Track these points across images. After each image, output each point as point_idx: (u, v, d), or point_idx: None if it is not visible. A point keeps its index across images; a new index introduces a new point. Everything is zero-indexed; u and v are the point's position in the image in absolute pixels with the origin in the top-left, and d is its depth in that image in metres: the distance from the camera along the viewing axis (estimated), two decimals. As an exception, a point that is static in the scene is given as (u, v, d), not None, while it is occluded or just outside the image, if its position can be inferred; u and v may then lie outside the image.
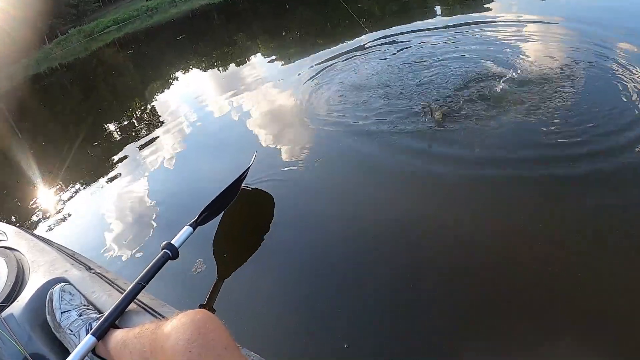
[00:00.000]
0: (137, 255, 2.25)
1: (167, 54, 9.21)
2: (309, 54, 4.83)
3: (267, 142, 3.02)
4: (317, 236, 2.12)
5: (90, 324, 1.26)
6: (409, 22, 4.97)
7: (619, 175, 1.97)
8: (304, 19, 8.10)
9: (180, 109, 4.19)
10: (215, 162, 2.95)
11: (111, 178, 3.25)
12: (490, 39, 3.87)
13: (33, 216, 3.02)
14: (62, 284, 1.39)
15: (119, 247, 2.34)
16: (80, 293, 1.38)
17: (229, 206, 2.08)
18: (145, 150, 3.50)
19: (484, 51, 3.57)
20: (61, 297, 1.33)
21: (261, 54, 5.71)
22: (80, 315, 1.29)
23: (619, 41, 3.13)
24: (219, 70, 5.22)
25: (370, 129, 2.87)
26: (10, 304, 1.42)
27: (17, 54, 23.23)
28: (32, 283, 1.47)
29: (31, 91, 6.93)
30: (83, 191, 3.24)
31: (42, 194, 3.35)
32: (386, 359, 1.47)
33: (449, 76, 3.31)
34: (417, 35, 4.61)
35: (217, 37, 9.03)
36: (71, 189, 3.30)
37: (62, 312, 1.31)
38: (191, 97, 4.50)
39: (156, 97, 4.92)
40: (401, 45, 4.37)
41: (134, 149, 3.60)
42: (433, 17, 5.17)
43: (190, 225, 1.73)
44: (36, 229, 2.79)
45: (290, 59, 4.93)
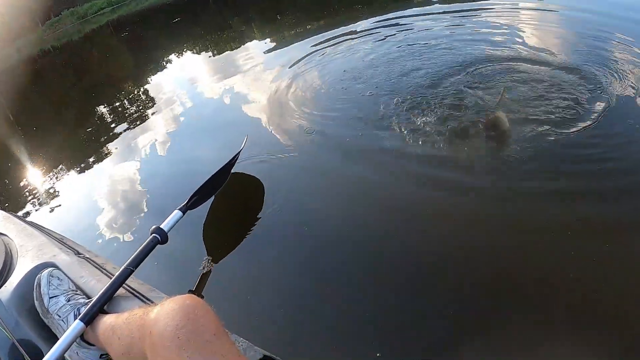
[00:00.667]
0: (127, 239, 2.23)
1: (161, 37, 9.08)
2: (304, 38, 4.78)
3: (259, 127, 2.99)
4: (307, 222, 2.09)
5: (78, 310, 1.24)
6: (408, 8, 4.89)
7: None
8: (300, 3, 8.01)
9: (174, 92, 4.14)
10: (207, 146, 2.92)
11: (102, 162, 3.22)
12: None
13: (22, 200, 2.99)
14: (50, 268, 1.37)
15: (108, 231, 2.32)
16: (69, 278, 1.37)
17: (220, 190, 2.06)
18: (137, 133, 3.46)
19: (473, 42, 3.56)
20: (49, 282, 1.32)
21: (256, 38, 5.64)
22: (69, 301, 1.28)
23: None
24: (213, 54, 5.16)
25: (364, 115, 2.86)
26: None
27: (10, 37, 22.94)
28: (20, 268, 1.45)
29: (23, 74, 6.85)
30: (73, 175, 3.21)
31: (32, 177, 3.32)
32: (375, 347, 1.47)
33: (432, 65, 3.33)
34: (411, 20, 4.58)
35: (213, 20, 8.92)
36: (61, 172, 3.27)
37: (50, 298, 1.29)
38: (185, 80, 4.45)
39: (150, 80, 4.86)
40: (396, 30, 4.35)
41: (126, 132, 3.56)
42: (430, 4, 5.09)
43: (180, 209, 1.71)
44: (25, 213, 2.76)
45: (285, 44, 4.88)
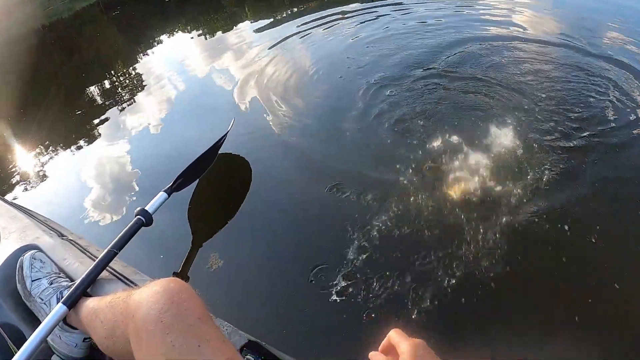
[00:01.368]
0: (112, 221, 2.19)
1: (153, 17, 8.91)
2: (295, 18, 4.71)
3: (247, 108, 2.95)
4: (294, 204, 2.09)
5: (61, 293, 1.22)
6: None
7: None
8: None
9: (164, 73, 4.06)
10: (195, 128, 2.88)
11: (89, 142, 3.16)
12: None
13: (6, 181, 2.93)
14: (33, 251, 1.34)
15: (93, 213, 2.28)
16: (52, 260, 1.34)
17: (206, 172, 2.03)
18: (125, 114, 3.40)
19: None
20: (32, 264, 1.29)
21: (248, 19, 5.53)
22: (51, 284, 1.25)
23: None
24: (205, 35, 5.05)
25: (354, 97, 2.85)
26: None
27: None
28: (3, 251, 1.42)
29: (10, 54, 6.70)
30: (60, 156, 3.15)
31: (17, 158, 3.25)
32: (361, 332, 1.47)
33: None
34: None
35: (206, 1, 8.76)
36: (48, 153, 3.20)
37: (32, 280, 1.27)
38: (175, 61, 4.37)
39: (140, 60, 4.76)
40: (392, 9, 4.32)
41: (114, 113, 3.50)
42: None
43: (165, 191, 1.68)
44: (9, 195, 2.71)
45: (275, 24, 4.80)
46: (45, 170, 2.95)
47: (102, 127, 3.31)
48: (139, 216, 1.47)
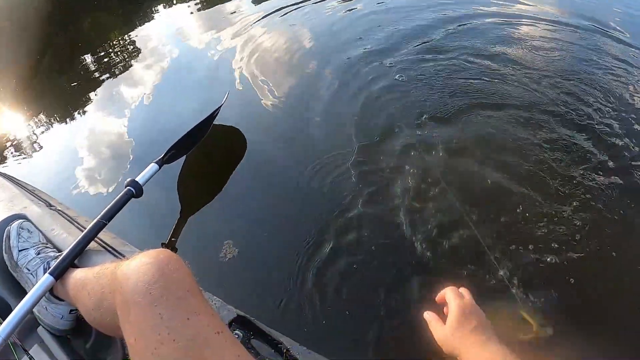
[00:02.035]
0: (101, 192, 2.15)
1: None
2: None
3: (243, 83, 2.88)
4: (285, 180, 2.04)
5: (48, 263, 1.20)
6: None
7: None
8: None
9: (159, 45, 3.96)
10: (189, 101, 2.81)
11: (81, 113, 3.09)
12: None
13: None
14: (20, 220, 1.31)
15: (83, 184, 2.24)
16: (39, 230, 1.31)
17: (197, 145, 1.99)
18: (119, 84, 3.31)
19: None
20: (19, 234, 1.26)
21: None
22: (38, 254, 1.22)
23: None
24: (203, 7, 4.91)
25: (349, 64, 2.84)
26: None
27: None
28: None
29: (5, 22, 6.51)
30: (50, 125, 3.09)
31: (7, 127, 3.18)
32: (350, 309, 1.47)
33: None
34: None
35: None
36: (38, 123, 3.14)
37: (19, 250, 1.24)
38: (171, 33, 4.25)
39: (136, 31, 4.62)
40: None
41: (107, 83, 3.41)
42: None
43: (156, 162, 1.65)
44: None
45: None
46: (36, 140, 2.89)
47: (96, 98, 3.24)
48: (129, 187, 1.44)
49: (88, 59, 4.03)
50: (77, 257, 1.17)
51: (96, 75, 3.66)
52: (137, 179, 1.48)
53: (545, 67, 2.66)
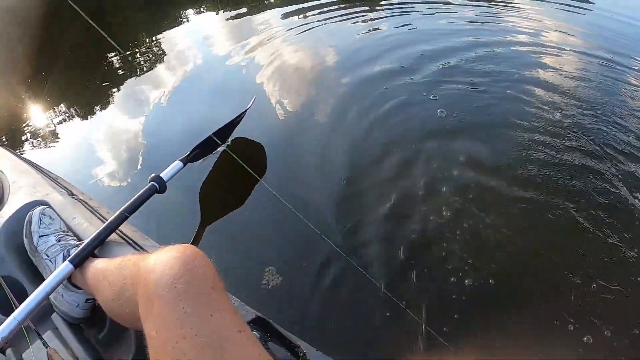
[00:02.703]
0: (121, 186, 2.17)
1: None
2: (324, 8, 4.65)
3: (270, 93, 2.90)
4: (307, 194, 2.05)
5: (68, 251, 1.20)
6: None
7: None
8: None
9: (186, 49, 4.00)
10: (214, 106, 2.83)
11: (105, 108, 3.12)
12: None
13: (18, 136, 2.89)
14: (43, 207, 1.32)
15: (103, 176, 2.25)
16: (61, 218, 1.32)
17: (222, 148, 2.00)
18: (144, 84, 3.35)
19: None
20: (40, 220, 1.27)
21: (277, 6, 5.41)
22: (59, 241, 1.23)
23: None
24: (232, 16, 4.95)
25: (377, 81, 2.88)
26: None
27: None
28: (11, 204, 1.41)
29: (37, 16, 6.58)
30: (75, 117, 3.11)
31: (33, 115, 3.20)
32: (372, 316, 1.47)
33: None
34: None
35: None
36: (63, 114, 3.16)
37: (40, 236, 1.25)
38: (199, 39, 4.28)
39: (164, 33, 4.68)
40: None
41: (133, 82, 3.46)
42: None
43: (181, 160, 1.65)
44: (20, 149, 2.69)
45: (305, 13, 4.71)
46: (59, 131, 2.92)
47: (119, 95, 3.27)
48: (152, 182, 1.44)
49: (114, 57, 4.08)
50: (97, 247, 1.17)
51: (121, 72, 3.71)
52: (161, 174, 1.48)
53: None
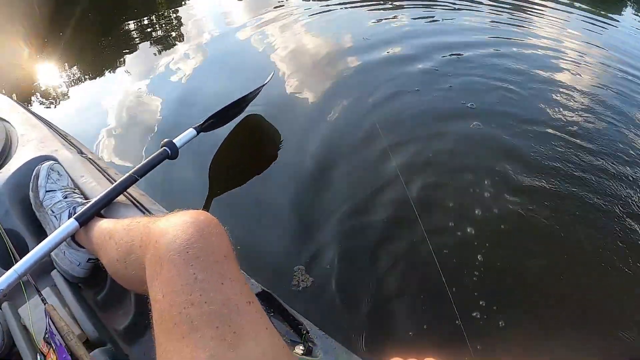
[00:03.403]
0: (130, 151, 2.13)
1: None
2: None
3: (288, 78, 2.84)
4: (322, 172, 2.01)
5: (74, 208, 1.18)
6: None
7: None
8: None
9: (205, 22, 3.94)
10: (230, 80, 2.78)
11: (120, 72, 3.08)
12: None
13: (30, 92, 2.85)
14: (51, 162, 1.30)
15: (113, 139, 2.21)
16: (69, 175, 1.30)
17: (237, 120, 1.97)
18: (160, 53, 3.31)
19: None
20: (48, 175, 1.25)
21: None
22: (65, 198, 1.21)
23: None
24: None
25: (396, 75, 2.80)
26: None
27: None
28: (19, 157, 1.38)
29: None
30: (88, 79, 3.07)
31: (45, 71, 3.18)
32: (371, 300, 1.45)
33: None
34: None
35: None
36: (76, 74, 3.13)
37: (46, 191, 1.22)
38: (218, 13, 4.24)
39: (183, 5, 4.66)
40: None
41: (149, 50, 3.42)
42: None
43: (195, 128, 1.62)
44: (31, 104, 2.66)
45: None
46: (71, 91, 2.88)
47: (134, 61, 3.23)
48: (165, 147, 1.41)
49: (132, 23, 4.04)
50: (104, 207, 1.14)
51: (137, 39, 3.67)
52: (174, 140, 1.46)
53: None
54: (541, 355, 1.34)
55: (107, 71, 3.14)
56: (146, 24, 4.04)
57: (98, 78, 3.07)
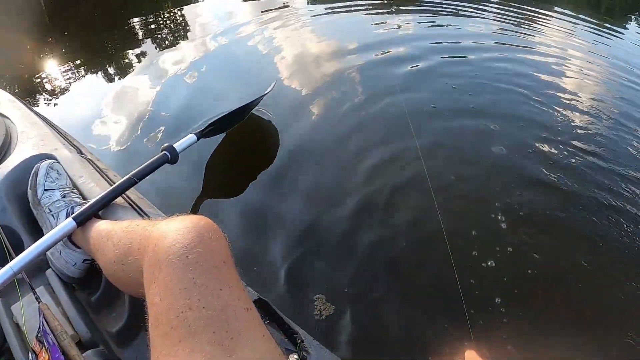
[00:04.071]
0: (129, 153, 2.13)
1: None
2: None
3: (290, 80, 2.86)
4: (317, 179, 2.01)
5: (72, 208, 1.18)
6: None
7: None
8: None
9: (211, 24, 3.95)
10: (232, 85, 2.79)
11: (122, 73, 3.08)
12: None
13: (31, 89, 2.85)
14: (51, 160, 1.30)
15: (112, 140, 2.21)
16: (68, 175, 1.30)
17: (235, 127, 1.98)
18: (164, 54, 3.31)
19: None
20: (47, 173, 1.25)
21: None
22: (64, 197, 1.21)
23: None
24: None
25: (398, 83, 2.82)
26: None
27: None
28: (18, 153, 1.38)
29: None
30: (91, 78, 3.07)
31: (47, 68, 3.17)
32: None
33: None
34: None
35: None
36: (79, 72, 3.12)
37: (45, 189, 1.23)
38: (224, 16, 4.25)
39: (190, 6, 4.67)
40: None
41: (152, 51, 3.42)
42: None
43: (196, 134, 1.63)
44: (32, 102, 2.65)
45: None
46: (72, 90, 2.87)
47: (139, 62, 3.24)
48: (165, 152, 1.42)
49: (137, 23, 4.05)
50: (103, 208, 1.15)
51: (142, 40, 3.69)
52: (174, 145, 1.46)
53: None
54: (545, 350, 1.36)
55: (109, 72, 3.15)
56: (151, 24, 4.08)
57: (100, 78, 3.07)
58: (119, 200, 1.21)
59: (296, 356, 0.86)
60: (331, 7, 4.32)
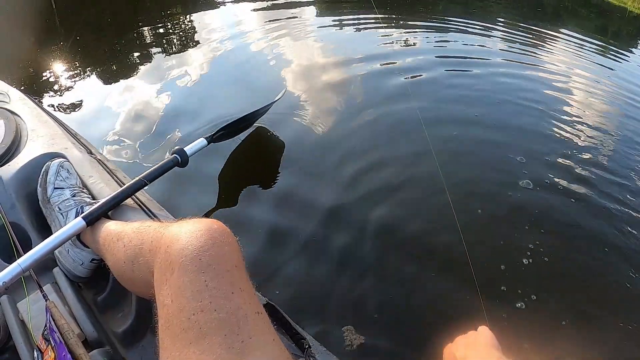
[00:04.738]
0: (137, 155, 2.11)
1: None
2: (359, 16, 4.66)
3: (298, 90, 2.86)
4: (323, 192, 1.98)
5: (82, 208, 1.18)
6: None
7: None
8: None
9: (220, 32, 3.96)
10: (241, 93, 2.80)
11: (132, 77, 3.06)
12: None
13: (42, 87, 2.85)
14: (62, 159, 1.31)
15: (123, 144, 2.20)
16: (78, 174, 1.31)
17: (246, 134, 1.99)
18: (173, 60, 3.31)
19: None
20: (58, 172, 1.26)
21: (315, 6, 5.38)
22: (74, 196, 1.22)
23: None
24: (268, 7, 4.94)
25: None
26: (1, 166, 1.34)
27: None
28: (28, 151, 1.39)
29: None
30: (101, 81, 3.06)
31: (58, 69, 3.17)
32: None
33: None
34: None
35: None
36: (89, 74, 3.11)
37: (54, 188, 1.23)
38: (234, 24, 4.26)
39: (199, 13, 4.69)
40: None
41: (162, 56, 3.43)
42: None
43: (206, 138, 1.64)
44: (42, 100, 2.66)
45: (344, 15, 4.73)
46: (82, 91, 2.84)
47: (148, 67, 3.21)
48: (175, 155, 1.43)
49: (147, 29, 4.08)
50: (112, 208, 1.15)
51: (152, 45, 3.70)
52: (185, 148, 1.47)
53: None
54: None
55: (120, 74, 3.14)
56: (161, 29, 4.08)
57: (110, 81, 3.07)
58: (128, 201, 1.21)
59: (303, 361, 0.86)
60: (339, 19, 4.36)
